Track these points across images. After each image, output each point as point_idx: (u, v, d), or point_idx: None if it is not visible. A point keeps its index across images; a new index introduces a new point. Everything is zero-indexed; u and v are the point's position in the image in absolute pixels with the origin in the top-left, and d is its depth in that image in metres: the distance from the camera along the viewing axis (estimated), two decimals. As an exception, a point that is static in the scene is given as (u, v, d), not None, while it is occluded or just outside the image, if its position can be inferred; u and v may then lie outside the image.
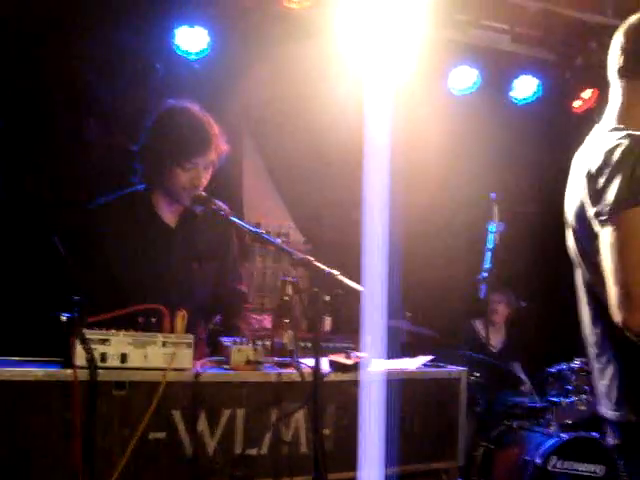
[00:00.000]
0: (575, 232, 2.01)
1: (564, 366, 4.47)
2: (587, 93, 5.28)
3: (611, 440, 2.01)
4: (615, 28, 3.39)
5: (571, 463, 3.98)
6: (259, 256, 4.70)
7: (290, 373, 2.24)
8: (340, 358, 2.35)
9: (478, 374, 4.46)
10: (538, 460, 3.96)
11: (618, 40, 2.06)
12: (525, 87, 5.17)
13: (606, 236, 1.82)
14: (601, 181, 1.86)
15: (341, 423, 2.31)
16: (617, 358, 1.92)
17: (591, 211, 1.89)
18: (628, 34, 2.04)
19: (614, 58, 2.06)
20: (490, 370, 4.56)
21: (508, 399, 4.67)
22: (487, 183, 4.71)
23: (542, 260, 5.53)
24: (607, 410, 1.95)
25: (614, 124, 2.01)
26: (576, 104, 5.32)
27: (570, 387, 4.39)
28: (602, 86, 5.33)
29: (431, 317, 5.17)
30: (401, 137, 4.64)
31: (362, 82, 4.69)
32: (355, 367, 2.33)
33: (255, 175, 4.94)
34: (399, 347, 4.07)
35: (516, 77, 5.14)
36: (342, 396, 2.32)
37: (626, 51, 2.03)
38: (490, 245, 4.38)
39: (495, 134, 5.18)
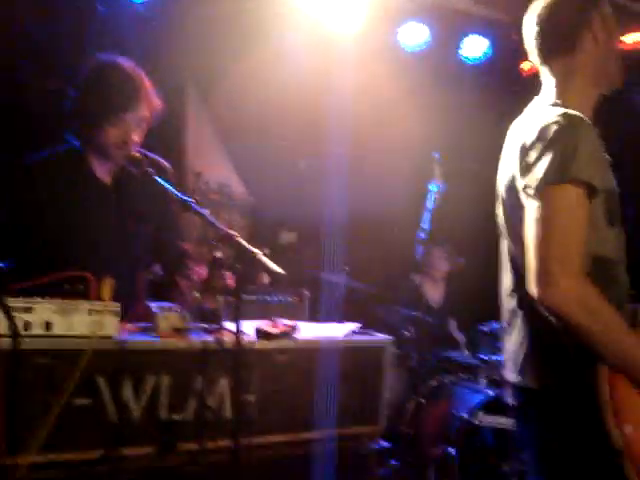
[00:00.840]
0: (504, 202, 2.06)
1: (495, 324, 4.59)
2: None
3: (510, 401, 2.10)
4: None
5: (496, 418, 4.12)
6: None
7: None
8: (267, 326, 2.38)
9: (412, 330, 4.58)
10: (465, 414, 4.10)
11: (532, 22, 2.07)
12: (475, 46, 5.16)
13: (531, 210, 1.86)
14: (533, 155, 1.88)
15: (267, 390, 2.35)
16: (526, 328, 1.99)
17: (520, 183, 1.92)
18: (542, 14, 2.05)
19: (534, 40, 2.07)
20: (426, 326, 4.68)
21: (441, 355, 4.81)
22: (433, 141, 4.72)
23: (484, 217, 5.60)
24: (511, 374, 2.04)
25: (553, 99, 2.03)
26: (525, 66, 5.33)
27: (500, 345, 4.51)
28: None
29: (371, 272, 5.23)
30: (352, 89, 4.62)
31: (314, 32, 4.65)
32: (281, 335, 2.37)
33: (199, 125, 4.86)
34: (336, 302, 4.17)
35: (466, 36, 5.12)
36: (268, 363, 2.36)
37: (549, 30, 2.04)
38: (430, 205, 4.43)
39: (444, 92, 5.17)
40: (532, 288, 1.82)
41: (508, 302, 2.07)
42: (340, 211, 4.68)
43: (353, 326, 2.71)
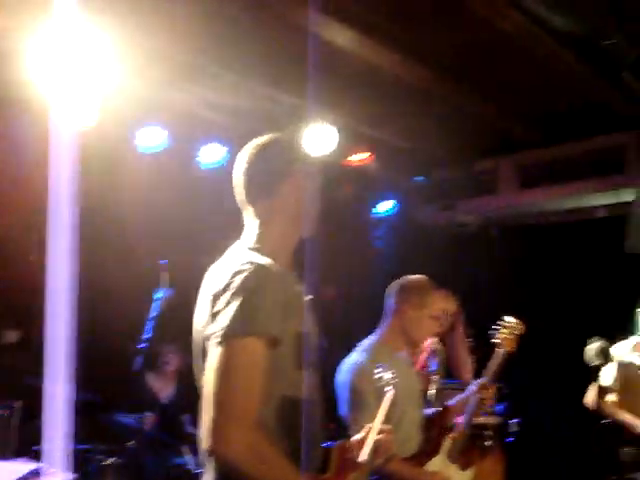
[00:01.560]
0: (195, 345, 2.03)
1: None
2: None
3: None
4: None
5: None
6: None
7: None
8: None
9: (139, 437, 4.37)
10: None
11: (240, 164, 2.16)
12: (212, 153, 5.27)
13: (212, 359, 1.86)
14: (221, 303, 1.90)
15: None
16: (215, 474, 1.94)
17: (208, 330, 1.93)
18: (248, 158, 2.15)
19: (239, 183, 2.16)
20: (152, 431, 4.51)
21: (169, 461, 4.63)
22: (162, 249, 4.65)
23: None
24: None
25: (251, 244, 2.10)
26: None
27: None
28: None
29: (101, 379, 4.94)
30: (87, 187, 4.44)
31: (48, 119, 4.45)
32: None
33: None
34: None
35: (205, 143, 5.22)
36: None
37: (252, 176, 2.13)
38: (154, 313, 4.34)
39: (180, 197, 5.18)
40: (204, 439, 1.82)
41: (203, 442, 1.98)
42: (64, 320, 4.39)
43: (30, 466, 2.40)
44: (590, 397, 4.45)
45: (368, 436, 2.27)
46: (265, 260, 1.98)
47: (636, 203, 4.95)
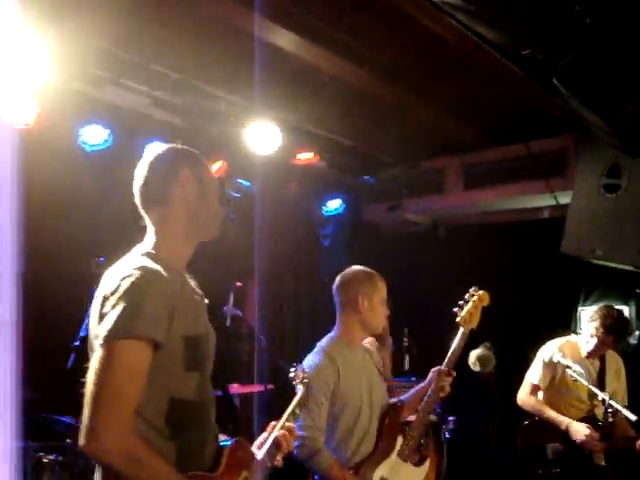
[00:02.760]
0: (90, 343, 2.07)
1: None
2: (217, 164, 5.55)
3: None
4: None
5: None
6: None
7: None
8: None
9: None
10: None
11: (140, 171, 2.22)
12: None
13: (95, 360, 1.93)
14: (108, 305, 1.97)
15: None
16: (100, 471, 2.02)
17: (94, 330, 2.00)
18: (142, 167, 2.22)
19: (137, 190, 2.22)
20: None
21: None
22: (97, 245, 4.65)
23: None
24: None
25: (147, 249, 2.15)
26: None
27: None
28: (230, 159, 5.67)
29: (42, 378, 4.93)
30: (29, 189, 4.43)
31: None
32: None
33: None
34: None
35: (149, 142, 5.21)
36: None
37: (143, 186, 2.20)
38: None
39: (123, 194, 5.17)
40: (80, 437, 1.88)
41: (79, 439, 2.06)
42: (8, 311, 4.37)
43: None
44: (520, 394, 4.56)
45: (270, 434, 2.34)
46: (154, 266, 2.04)
47: (572, 205, 5.07)
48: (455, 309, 3.48)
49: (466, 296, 3.52)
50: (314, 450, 3.17)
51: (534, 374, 4.50)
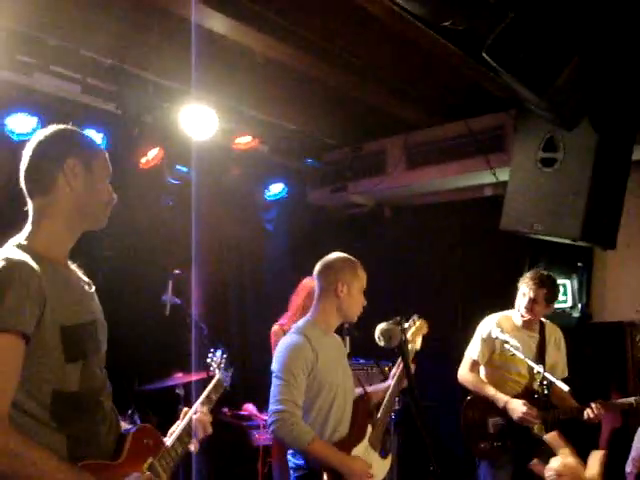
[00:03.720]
0: None
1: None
2: (153, 151, 5.43)
3: None
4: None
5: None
6: None
7: None
8: None
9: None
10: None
11: (25, 155, 2.14)
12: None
13: None
14: None
15: None
16: None
17: None
18: (26, 154, 2.14)
19: (22, 178, 2.14)
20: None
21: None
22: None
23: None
24: None
25: (20, 239, 2.07)
26: (143, 160, 5.45)
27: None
28: (166, 145, 5.56)
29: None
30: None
31: None
32: None
33: None
34: None
35: (83, 129, 5.06)
36: None
37: (26, 171, 2.12)
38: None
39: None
40: None
41: None
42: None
43: None
44: (460, 370, 4.58)
45: (182, 421, 2.29)
46: (21, 256, 1.96)
47: (510, 181, 5.08)
48: (405, 325, 3.50)
49: (410, 321, 3.66)
50: (293, 423, 3.16)
51: (473, 350, 4.52)
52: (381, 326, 3.01)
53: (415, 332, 3.66)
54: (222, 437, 5.24)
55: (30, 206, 2.12)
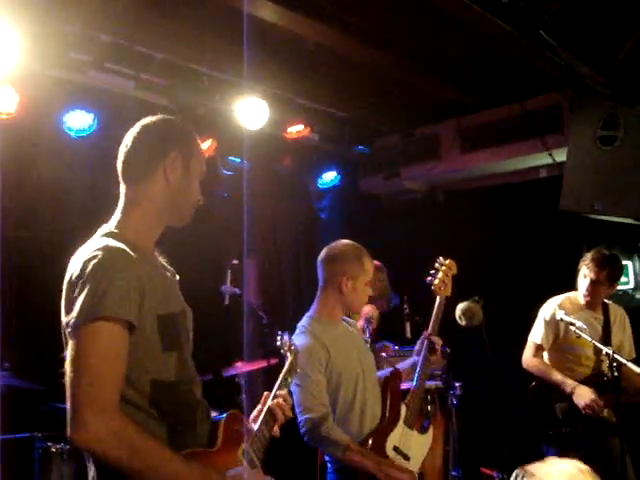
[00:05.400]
0: (63, 330, 2.00)
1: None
2: (206, 143, 5.47)
3: None
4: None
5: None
6: None
7: None
8: None
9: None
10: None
11: (125, 141, 2.13)
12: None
13: (69, 350, 1.86)
14: (75, 291, 1.89)
15: None
16: (94, 465, 1.94)
17: (64, 320, 1.93)
18: (128, 139, 2.13)
19: (119, 163, 2.13)
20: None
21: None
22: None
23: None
24: None
25: (110, 228, 2.07)
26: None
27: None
28: (219, 137, 5.60)
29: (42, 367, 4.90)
30: (13, 177, 4.39)
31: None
32: None
33: None
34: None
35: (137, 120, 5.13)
36: None
37: (126, 156, 2.11)
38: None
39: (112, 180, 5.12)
40: (68, 429, 1.81)
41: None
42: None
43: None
44: (524, 356, 4.51)
45: (264, 405, 2.29)
46: (119, 245, 1.95)
47: (568, 160, 4.97)
48: (428, 278, 3.52)
49: (436, 265, 3.57)
50: (326, 430, 3.10)
51: (536, 334, 4.44)
52: (461, 305, 2.96)
53: (444, 275, 3.56)
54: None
55: (122, 192, 2.11)
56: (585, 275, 4.36)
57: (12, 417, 3.87)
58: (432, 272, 3.53)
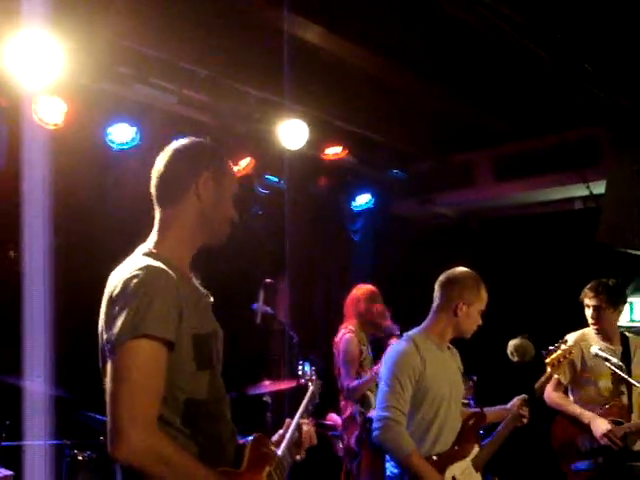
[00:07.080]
0: (100, 348, 2.03)
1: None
2: (245, 161, 5.53)
3: None
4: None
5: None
6: None
7: None
8: None
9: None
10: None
11: (160, 162, 2.15)
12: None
13: (110, 366, 1.88)
14: (115, 309, 1.91)
15: None
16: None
17: (105, 336, 1.94)
18: (161, 161, 2.15)
19: (152, 185, 2.15)
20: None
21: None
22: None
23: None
24: None
25: (149, 248, 2.10)
26: (235, 169, 5.55)
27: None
28: (257, 155, 5.66)
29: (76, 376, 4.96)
30: (59, 187, 4.47)
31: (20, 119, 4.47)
32: None
33: None
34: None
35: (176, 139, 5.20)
36: None
37: (158, 180, 2.14)
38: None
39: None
40: (108, 445, 1.83)
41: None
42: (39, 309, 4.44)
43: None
44: (546, 390, 4.44)
45: (287, 430, 2.32)
46: (159, 264, 1.98)
47: (606, 193, 4.96)
48: (544, 351, 3.66)
49: (557, 343, 3.74)
50: (397, 431, 3.16)
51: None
52: (514, 342, 2.97)
53: (562, 355, 3.71)
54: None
55: (157, 214, 2.14)
56: (587, 305, 4.43)
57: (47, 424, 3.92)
58: (551, 348, 3.67)
